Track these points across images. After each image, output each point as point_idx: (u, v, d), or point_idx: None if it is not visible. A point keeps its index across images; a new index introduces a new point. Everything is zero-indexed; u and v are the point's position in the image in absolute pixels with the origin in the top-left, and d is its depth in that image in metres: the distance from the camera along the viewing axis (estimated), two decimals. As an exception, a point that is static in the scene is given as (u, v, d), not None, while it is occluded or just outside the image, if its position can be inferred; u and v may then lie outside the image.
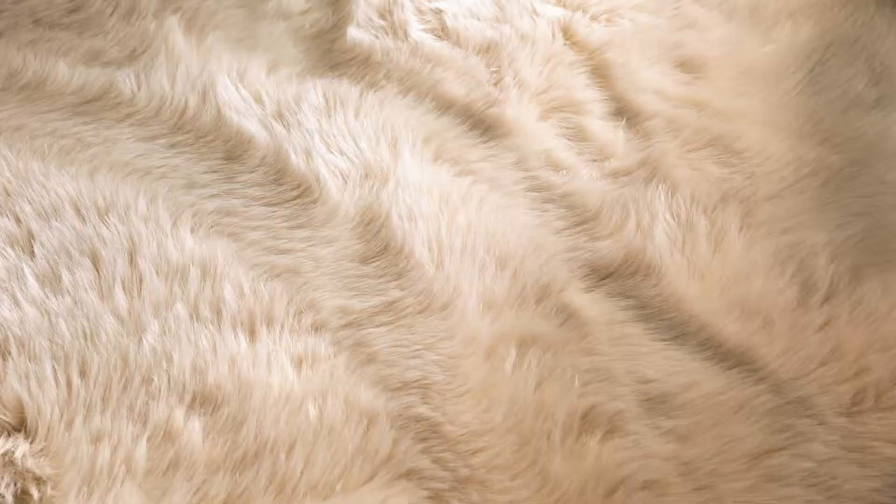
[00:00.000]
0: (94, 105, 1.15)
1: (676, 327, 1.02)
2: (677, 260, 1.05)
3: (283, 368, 0.96)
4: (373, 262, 1.05)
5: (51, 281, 0.99)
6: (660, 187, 1.10)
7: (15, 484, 0.87)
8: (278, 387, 0.95)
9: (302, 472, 0.91)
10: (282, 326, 0.99)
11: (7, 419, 0.91)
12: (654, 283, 1.03)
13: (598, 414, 0.96)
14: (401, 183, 1.09)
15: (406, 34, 1.22)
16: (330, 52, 1.22)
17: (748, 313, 0.99)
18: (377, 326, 1.00)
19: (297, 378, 0.96)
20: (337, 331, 1.00)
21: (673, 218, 1.08)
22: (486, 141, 1.16)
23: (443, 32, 1.23)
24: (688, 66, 1.23)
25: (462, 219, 1.07)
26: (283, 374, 0.96)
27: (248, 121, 1.13)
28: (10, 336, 0.95)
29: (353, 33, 1.22)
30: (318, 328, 1.00)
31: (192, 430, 0.92)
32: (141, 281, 1.00)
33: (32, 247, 1.01)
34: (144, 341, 0.96)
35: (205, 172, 1.10)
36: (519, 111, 1.17)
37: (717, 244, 1.06)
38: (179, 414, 0.92)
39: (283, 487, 0.90)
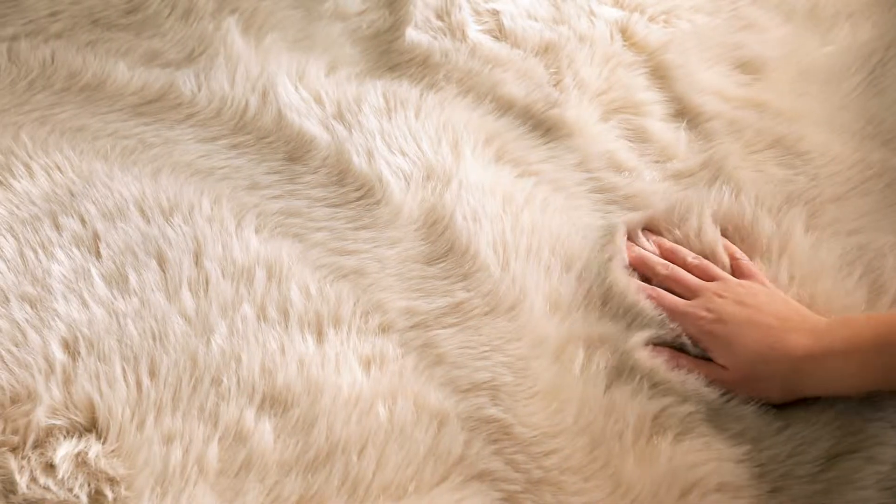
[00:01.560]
0: (155, 106, 1.15)
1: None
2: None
3: (352, 370, 0.96)
4: (438, 263, 1.04)
5: (118, 282, 0.99)
6: (724, 189, 1.09)
7: (89, 484, 0.87)
8: (347, 388, 0.95)
9: (374, 474, 0.91)
10: (349, 328, 0.99)
11: (78, 419, 0.91)
12: (720, 285, 1.03)
13: (669, 416, 0.95)
14: (464, 184, 1.08)
15: (464, 35, 1.22)
16: (388, 53, 1.21)
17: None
18: (444, 328, 1.00)
19: (366, 379, 0.96)
20: (404, 332, 1.00)
21: (738, 219, 1.07)
22: (548, 142, 1.15)
23: (500, 33, 1.23)
24: (747, 67, 1.22)
25: (526, 220, 1.07)
26: (352, 376, 0.96)
27: (309, 122, 1.13)
28: (80, 336, 0.95)
29: (412, 34, 1.21)
30: (385, 329, 1.00)
31: (263, 431, 0.92)
32: (207, 282, 1.00)
33: (98, 247, 1.01)
34: (213, 342, 0.96)
35: (267, 173, 1.10)
36: (580, 112, 1.17)
37: (784, 246, 1.05)
38: (250, 415, 0.92)
39: (356, 489, 0.90)
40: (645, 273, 1.05)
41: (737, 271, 1.03)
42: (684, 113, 1.18)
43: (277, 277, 1.01)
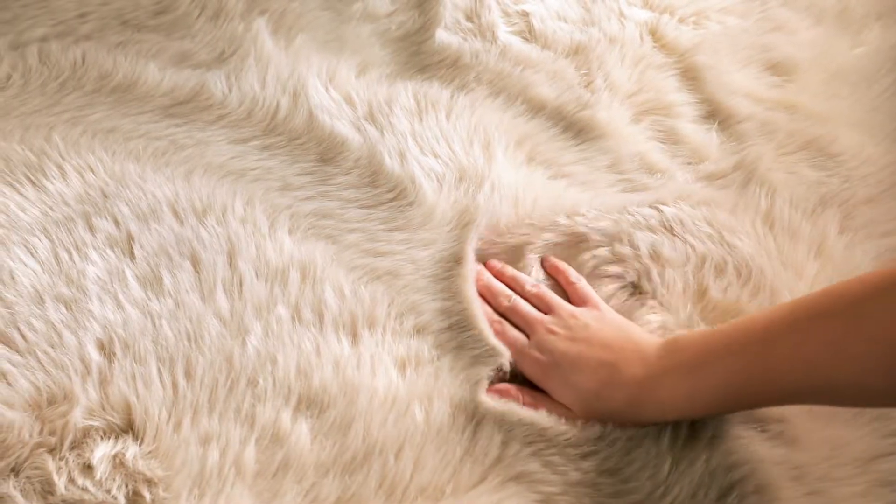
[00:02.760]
0: (186, 107, 1.15)
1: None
2: (775, 264, 1.04)
3: (388, 371, 0.96)
4: (472, 264, 1.04)
5: (152, 283, 0.99)
6: (758, 191, 1.09)
7: (126, 486, 0.87)
8: (383, 389, 0.94)
9: (412, 475, 0.91)
10: (384, 329, 0.99)
11: (115, 420, 0.91)
12: (754, 287, 1.02)
13: (706, 418, 0.95)
14: (496, 185, 1.08)
15: (494, 36, 1.22)
16: (418, 55, 1.21)
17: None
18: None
19: (401, 381, 0.96)
20: (439, 333, 1.00)
21: (773, 221, 1.07)
22: (579, 143, 1.15)
23: (530, 35, 1.23)
24: (778, 68, 1.22)
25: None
26: (388, 377, 0.95)
27: (341, 123, 1.13)
28: (115, 337, 0.95)
29: (442, 35, 1.21)
30: (420, 331, 1.00)
31: (300, 432, 0.92)
32: (241, 283, 1.00)
33: (132, 248, 1.01)
34: (248, 343, 0.96)
35: (299, 175, 1.10)
36: (611, 114, 1.16)
37: (819, 248, 1.05)
38: (286, 416, 0.92)
39: (394, 490, 0.90)
40: (490, 303, 1.03)
41: (574, 297, 1.02)
42: (716, 114, 1.17)
43: (311, 279, 1.01)
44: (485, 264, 1.05)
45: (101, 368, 0.93)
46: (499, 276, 1.04)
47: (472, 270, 1.04)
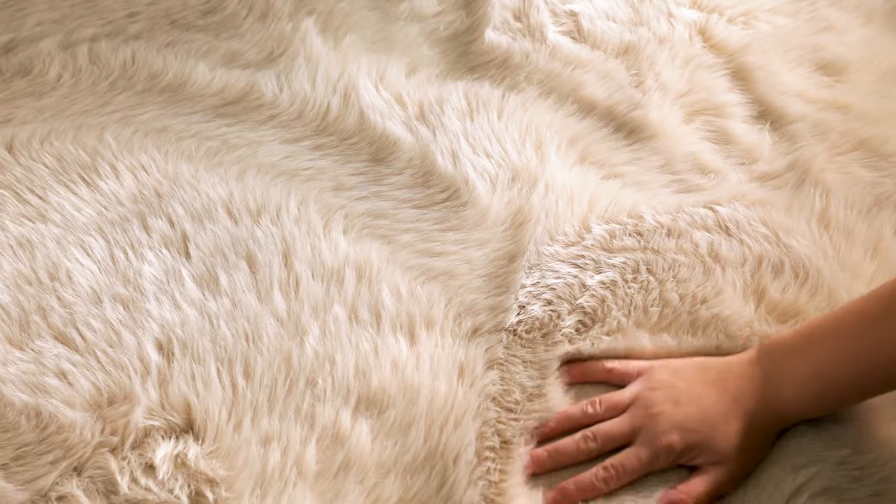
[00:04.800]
0: (236, 107, 1.15)
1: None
2: (832, 265, 1.03)
3: (448, 373, 0.96)
4: (527, 264, 1.04)
5: (208, 283, 0.99)
6: (812, 191, 1.08)
7: (189, 485, 0.87)
8: (444, 392, 0.94)
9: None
10: (442, 330, 0.98)
11: (175, 420, 0.91)
12: (812, 287, 1.02)
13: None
14: (550, 185, 1.08)
15: (544, 36, 1.21)
16: (467, 55, 1.21)
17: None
18: (537, 330, 1.00)
19: (460, 384, 0.95)
20: (494, 333, 0.99)
21: (829, 222, 1.06)
22: (631, 144, 1.15)
23: (579, 35, 1.23)
24: (828, 69, 1.21)
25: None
26: (448, 380, 0.95)
27: (392, 123, 1.13)
28: (173, 337, 0.95)
29: (491, 36, 1.21)
30: (476, 331, 0.99)
31: (361, 432, 0.91)
32: (297, 283, 1.00)
33: (188, 248, 1.01)
34: (306, 343, 0.96)
35: (351, 175, 1.10)
36: (662, 114, 1.16)
37: (875, 248, 1.04)
38: (346, 416, 0.92)
39: (454, 494, 0.90)
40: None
41: (618, 380, 0.95)
42: (767, 115, 1.17)
43: (367, 279, 1.00)
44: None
45: (161, 368, 0.93)
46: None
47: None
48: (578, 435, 0.92)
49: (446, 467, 0.90)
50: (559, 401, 0.95)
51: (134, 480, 0.87)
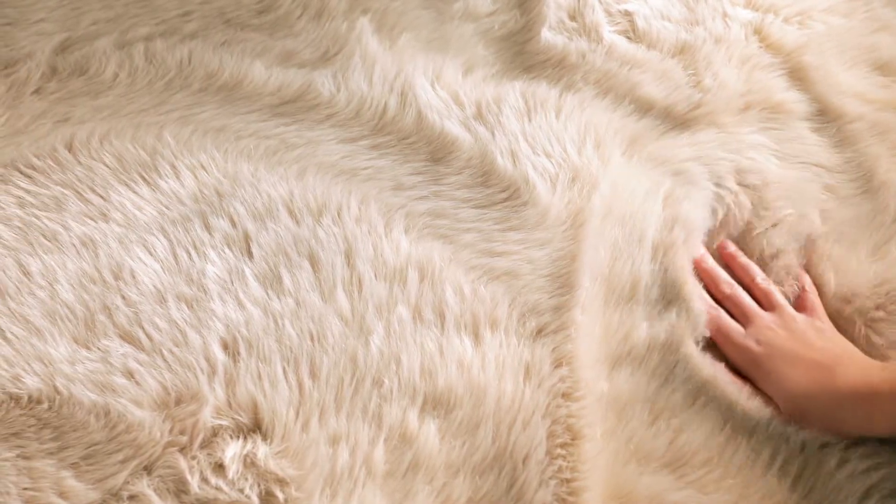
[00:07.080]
0: (293, 106, 1.14)
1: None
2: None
3: (514, 373, 0.95)
4: (589, 264, 1.03)
5: (271, 282, 0.99)
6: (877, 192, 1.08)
7: (259, 485, 0.87)
8: (511, 392, 0.94)
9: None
10: (506, 330, 0.98)
11: (243, 420, 0.91)
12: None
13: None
14: (611, 186, 1.07)
15: (599, 36, 1.21)
16: (522, 54, 1.21)
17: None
18: (601, 330, 0.99)
19: (527, 385, 0.95)
20: (559, 333, 0.99)
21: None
22: (692, 144, 1.14)
23: (634, 34, 1.22)
24: (886, 69, 1.20)
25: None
26: (515, 380, 0.95)
27: (450, 122, 1.12)
28: (239, 337, 0.95)
29: (547, 35, 1.20)
30: (541, 331, 0.99)
31: (428, 432, 0.91)
32: (361, 283, 0.99)
33: (250, 248, 1.01)
34: (371, 343, 0.95)
35: (410, 174, 1.09)
36: (721, 111, 1.15)
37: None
38: (413, 416, 0.92)
39: (524, 495, 0.89)
40: (708, 286, 1.04)
41: (799, 303, 1.02)
42: (825, 114, 1.16)
43: (430, 278, 1.00)
44: (718, 246, 1.06)
45: (227, 368, 0.93)
46: (729, 260, 1.04)
47: (698, 250, 1.05)
48: (728, 279, 1.03)
49: (515, 467, 0.90)
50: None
51: (204, 480, 0.87)
